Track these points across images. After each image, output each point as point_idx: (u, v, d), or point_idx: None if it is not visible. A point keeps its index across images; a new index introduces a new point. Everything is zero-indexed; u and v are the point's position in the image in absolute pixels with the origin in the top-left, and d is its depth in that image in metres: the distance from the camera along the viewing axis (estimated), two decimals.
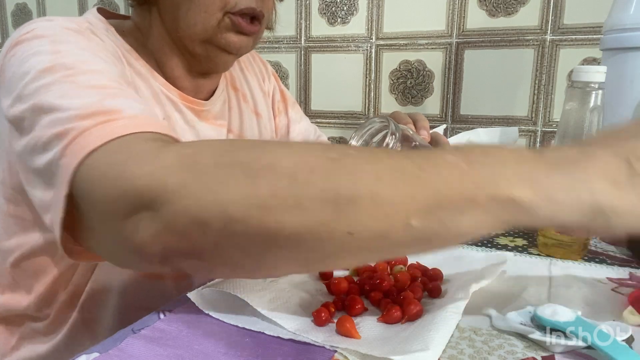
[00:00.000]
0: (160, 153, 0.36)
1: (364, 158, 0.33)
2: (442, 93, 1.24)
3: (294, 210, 0.31)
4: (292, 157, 0.33)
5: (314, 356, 0.35)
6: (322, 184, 0.31)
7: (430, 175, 0.31)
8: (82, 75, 0.43)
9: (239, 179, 0.32)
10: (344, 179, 0.31)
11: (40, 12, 1.69)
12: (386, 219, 0.31)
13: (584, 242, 0.55)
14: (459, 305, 0.40)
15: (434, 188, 0.31)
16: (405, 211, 0.31)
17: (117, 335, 0.38)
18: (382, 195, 0.31)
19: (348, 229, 0.31)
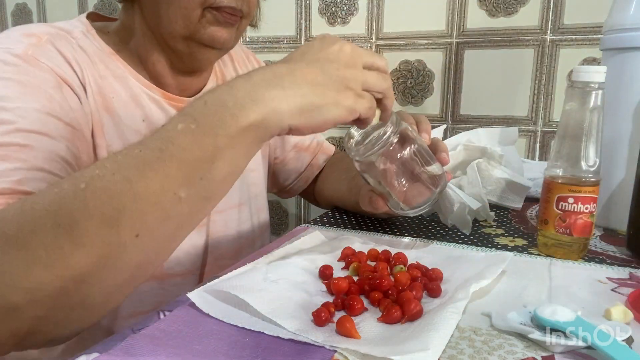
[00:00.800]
0: None
1: (110, 169, 0.36)
2: (442, 93, 1.24)
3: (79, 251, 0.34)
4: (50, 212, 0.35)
5: (314, 356, 0.35)
6: (86, 215, 0.34)
7: (170, 153, 0.35)
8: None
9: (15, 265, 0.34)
10: (101, 200, 0.34)
11: (40, 12, 1.69)
12: (158, 207, 0.35)
13: (584, 242, 0.55)
14: (459, 305, 0.40)
15: (178, 159, 0.35)
16: (168, 192, 0.35)
17: (117, 335, 0.38)
18: (141, 192, 0.34)
19: (133, 233, 0.35)
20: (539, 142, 1.17)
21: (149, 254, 0.38)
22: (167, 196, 0.35)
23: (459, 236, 0.64)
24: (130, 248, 0.35)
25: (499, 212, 0.75)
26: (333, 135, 1.37)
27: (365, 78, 0.44)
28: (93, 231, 0.34)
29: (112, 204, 0.34)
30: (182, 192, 0.36)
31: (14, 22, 1.74)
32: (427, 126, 0.58)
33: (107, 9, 1.60)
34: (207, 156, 0.36)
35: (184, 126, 0.36)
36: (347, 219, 0.73)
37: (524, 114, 1.17)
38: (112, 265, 0.36)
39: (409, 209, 0.54)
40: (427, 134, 0.56)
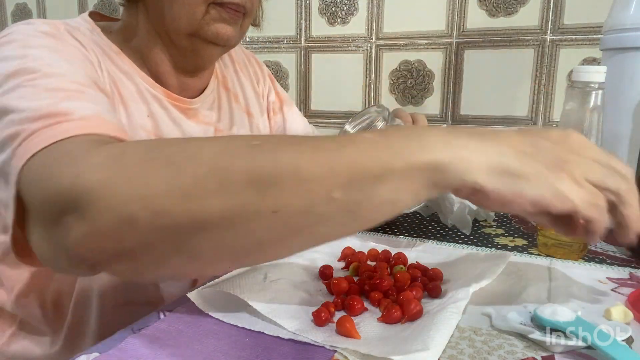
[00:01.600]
0: (88, 153, 0.36)
1: (286, 140, 0.34)
2: (442, 93, 1.24)
3: (218, 195, 0.32)
4: (214, 146, 0.34)
5: (314, 356, 0.35)
6: (244, 167, 0.32)
7: (348, 149, 0.33)
8: (43, 78, 0.44)
9: (162, 172, 0.33)
10: (265, 160, 0.32)
11: (40, 12, 1.69)
12: (309, 194, 0.32)
13: (584, 242, 0.55)
14: (459, 305, 0.40)
15: (352, 160, 0.33)
16: (326, 185, 0.32)
17: (117, 335, 0.38)
18: (303, 172, 0.32)
19: (273, 208, 0.32)
20: None
21: (274, 237, 0.35)
22: (322, 190, 0.32)
23: (459, 236, 0.64)
24: (262, 220, 0.33)
25: (499, 212, 0.75)
26: None
27: (590, 167, 0.35)
28: (243, 184, 0.32)
29: (273, 170, 0.32)
30: (336, 192, 0.32)
31: (13, 22, 1.74)
32: (424, 124, 0.58)
33: (107, 9, 1.60)
34: (377, 171, 0.33)
35: (372, 137, 0.34)
36: None
37: (524, 114, 1.17)
38: (236, 228, 0.33)
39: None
40: None
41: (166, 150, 0.35)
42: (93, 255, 0.35)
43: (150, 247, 0.34)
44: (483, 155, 0.33)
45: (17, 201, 0.38)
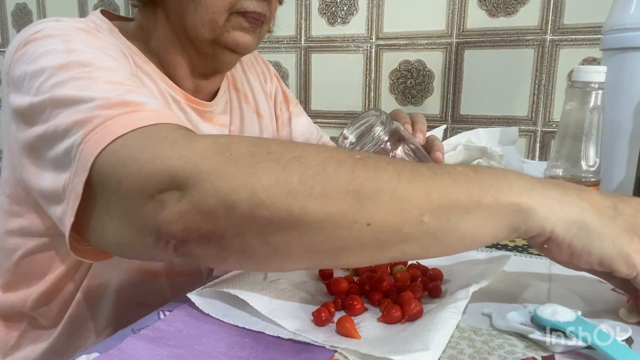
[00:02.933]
0: (194, 139, 0.37)
1: (385, 160, 0.36)
2: (442, 93, 1.24)
3: (319, 199, 0.33)
4: (320, 153, 0.35)
5: (314, 356, 0.35)
6: (348, 177, 0.34)
7: (443, 178, 0.35)
8: (98, 72, 0.44)
9: (270, 167, 0.34)
10: (367, 174, 0.34)
11: (40, 12, 1.69)
12: (402, 214, 0.34)
13: None
14: (459, 305, 0.40)
15: (445, 188, 0.35)
16: (419, 208, 0.34)
17: (117, 335, 0.38)
18: (400, 192, 0.34)
19: (367, 221, 0.34)
20: (539, 142, 1.17)
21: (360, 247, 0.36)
22: (414, 211, 0.34)
23: None
24: (354, 230, 0.34)
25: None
26: (333, 135, 1.37)
27: None
28: (342, 192, 0.33)
29: (372, 184, 0.34)
30: (426, 217, 0.34)
31: (13, 22, 1.74)
32: (422, 126, 0.58)
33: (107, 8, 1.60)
34: (466, 203, 0.35)
35: (463, 170, 0.36)
36: None
37: (524, 114, 1.17)
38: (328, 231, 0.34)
39: None
40: (421, 134, 0.56)
41: (273, 147, 0.36)
42: (184, 233, 0.35)
43: (242, 235, 0.35)
44: (565, 207, 0.36)
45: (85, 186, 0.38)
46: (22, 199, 0.53)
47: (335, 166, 0.34)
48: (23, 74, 0.46)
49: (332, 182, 0.34)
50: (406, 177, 0.35)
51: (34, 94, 0.44)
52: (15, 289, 0.59)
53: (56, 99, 0.42)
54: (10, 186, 0.54)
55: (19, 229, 0.55)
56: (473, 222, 0.35)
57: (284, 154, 0.35)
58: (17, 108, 0.46)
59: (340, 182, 0.34)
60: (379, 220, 0.34)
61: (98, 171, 0.38)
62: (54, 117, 0.42)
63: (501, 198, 0.35)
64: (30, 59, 0.46)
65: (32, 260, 0.56)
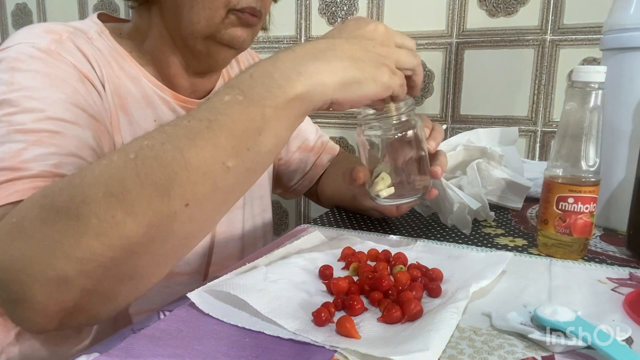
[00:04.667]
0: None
1: (159, 139, 0.36)
2: (442, 93, 1.24)
3: (129, 219, 0.35)
4: (99, 180, 0.36)
5: (314, 356, 0.35)
6: (137, 183, 0.35)
7: (219, 123, 0.36)
8: (21, 114, 0.47)
9: (65, 230, 0.35)
10: (151, 168, 0.35)
11: (40, 12, 1.69)
12: (206, 177, 0.36)
13: (584, 242, 0.55)
14: (459, 305, 0.40)
15: (228, 130, 0.36)
16: (217, 161, 0.36)
17: (117, 335, 0.38)
18: (192, 161, 0.35)
19: (183, 203, 0.35)
20: (539, 142, 1.17)
21: (197, 225, 0.38)
22: (216, 166, 0.36)
23: (459, 236, 0.64)
24: (180, 217, 0.36)
25: (499, 212, 0.75)
26: (333, 135, 1.37)
27: (398, 56, 0.46)
28: (145, 199, 0.34)
29: (164, 172, 0.35)
30: (230, 162, 0.36)
31: (13, 22, 1.74)
32: (439, 136, 0.59)
33: (107, 8, 1.60)
34: (254, 127, 0.37)
35: (231, 98, 0.37)
36: (347, 219, 0.73)
37: (524, 114, 1.17)
38: (162, 235, 0.36)
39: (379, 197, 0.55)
40: (434, 142, 0.57)
41: (57, 203, 0.36)
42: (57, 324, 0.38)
43: (92, 291, 0.37)
44: (332, 74, 0.40)
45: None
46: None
47: (118, 184, 0.35)
48: None
49: (128, 200, 0.34)
50: (187, 145, 0.35)
51: None
52: None
53: None
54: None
55: None
56: (270, 135, 0.37)
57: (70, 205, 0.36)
58: None
59: (135, 192, 0.34)
60: (192, 194, 0.35)
61: None
62: None
63: (280, 102, 0.37)
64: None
65: None
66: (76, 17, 1.63)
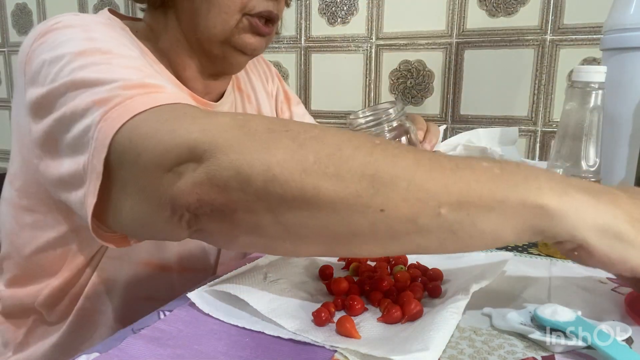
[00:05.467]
0: (213, 115, 0.38)
1: (405, 147, 0.35)
2: (442, 93, 1.24)
3: (334, 179, 0.33)
4: (339, 135, 0.35)
5: (314, 356, 0.35)
6: (364, 160, 0.33)
7: (464, 172, 0.34)
8: (118, 58, 0.45)
9: (286, 144, 0.34)
10: (385, 159, 0.33)
11: (40, 12, 1.69)
12: (418, 204, 0.33)
13: None
14: (459, 305, 0.40)
15: (466, 183, 0.33)
16: (437, 199, 0.33)
17: (117, 335, 0.38)
18: (418, 181, 0.33)
19: (381, 206, 0.33)
20: (539, 142, 1.17)
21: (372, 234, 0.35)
22: (431, 203, 0.33)
23: None
24: (367, 216, 0.33)
25: None
26: None
27: None
28: (358, 176, 0.33)
29: (390, 170, 0.33)
30: (444, 209, 0.33)
31: (13, 22, 1.74)
32: (434, 138, 0.59)
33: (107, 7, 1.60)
34: (487, 200, 0.33)
35: (488, 166, 0.34)
36: None
37: (524, 114, 1.17)
38: (341, 214, 0.34)
39: None
40: (429, 145, 0.57)
41: (290, 126, 0.36)
42: (198, 205, 0.35)
43: (254, 211, 0.35)
44: (597, 214, 0.34)
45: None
46: (33, 194, 0.54)
47: (352, 148, 0.34)
48: (41, 63, 0.46)
49: (347, 164, 0.33)
50: (425, 167, 0.33)
51: (52, 80, 0.44)
52: (23, 285, 0.59)
53: (75, 82, 0.42)
54: (21, 180, 0.55)
55: (32, 223, 0.56)
56: (493, 220, 0.33)
57: (301, 133, 0.35)
58: (33, 100, 0.46)
59: (357, 164, 0.33)
60: (394, 207, 0.33)
61: (117, 148, 0.38)
62: (71, 99, 0.42)
63: (528, 199, 0.33)
64: (50, 47, 0.47)
65: (44, 256, 0.57)
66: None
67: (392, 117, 0.50)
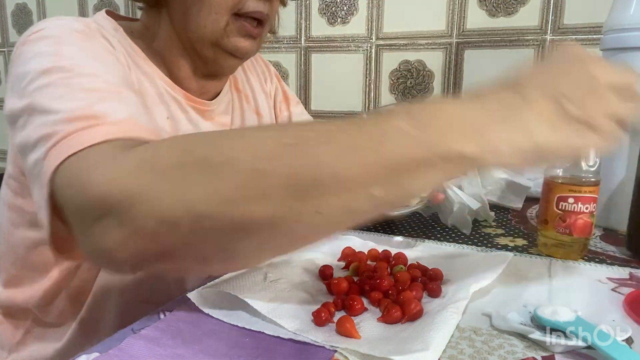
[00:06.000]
0: (121, 159, 0.37)
1: (319, 139, 0.34)
2: (442, 93, 1.24)
3: (261, 201, 0.33)
4: (249, 149, 0.34)
5: (314, 356, 0.35)
6: (283, 172, 0.33)
7: (384, 146, 0.33)
8: (77, 77, 0.45)
9: (201, 177, 0.33)
10: (302, 164, 0.33)
11: (40, 12, 1.69)
12: (350, 194, 0.33)
13: (584, 242, 0.55)
14: (459, 305, 0.40)
15: (390, 158, 0.33)
16: (366, 184, 0.33)
17: (117, 335, 0.38)
18: (343, 173, 0.33)
19: (315, 209, 0.33)
20: None
21: (318, 231, 0.36)
22: (361, 189, 0.33)
23: (459, 236, 0.64)
24: (305, 220, 0.34)
25: (499, 212, 0.75)
26: None
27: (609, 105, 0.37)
28: (283, 190, 0.33)
29: (312, 173, 0.33)
30: (376, 191, 0.34)
31: (13, 22, 1.74)
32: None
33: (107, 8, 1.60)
34: (413, 167, 0.34)
35: (406, 127, 0.34)
36: None
37: None
38: (280, 228, 0.34)
39: None
40: None
41: (199, 153, 0.35)
42: (133, 257, 0.36)
43: (192, 248, 0.35)
44: (514, 143, 0.35)
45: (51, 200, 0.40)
46: (25, 194, 0.54)
47: (266, 162, 0.33)
48: (14, 76, 0.48)
49: (269, 182, 0.33)
50: (345, 157, 0.33)
51: (19, 96, 0.46)
52: (19, 286, 0.60)
53: (32, 106, 0.44)
54: (15, 180, 0.56)
55: (25, 222, 0.57)
56: (422, 181, 0.35)
57: (212, 158, 0.34)
58: (7, 111, 0.47)
59: (277, 178, 0.33)
60: (328, 205, 0.33)
61: (55, 189, 0.39)
62: (27, 125, 0.44)
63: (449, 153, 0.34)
64: (22, 61, 0.48)
65: (36, 254, 0.57)
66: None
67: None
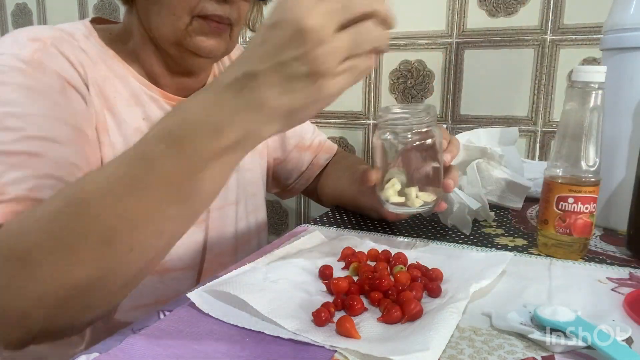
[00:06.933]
0: None
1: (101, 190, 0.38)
2: (442, 93, 1.24)
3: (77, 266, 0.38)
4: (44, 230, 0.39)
5: (314, 356, 0.35)
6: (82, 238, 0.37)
7: (156, 176, 0.36)
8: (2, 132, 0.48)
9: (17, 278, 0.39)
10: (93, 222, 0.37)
11: (40, 12, 1.69)
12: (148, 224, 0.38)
13: (584, 242, 0.55)
14: (459, 305, 0.40)
15: (165, 184, 0.36)
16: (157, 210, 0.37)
17: (117, 335, 0.38)
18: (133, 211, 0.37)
19: (127, 248, 0.38)
20: (539, 142, 1.17)
21: (146, 262, 0.41)
22: (157, 214, 0.38)
23: (459, 236, 0.64)
24: (125, 260, 0.39)
25: (499, 212, 0.75)
26: (333, 135, 1.37)
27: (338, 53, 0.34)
28: (90, 249, 0.37)
29: (105, 224, 0.37)
30: (171, 210, 0.38)
31: (13, 22, 1.74)
32: (455, 150, 0.59)
33: (107, 8, 1.60)
34: (191, 177, 0.37)
35: (166, 149, 0.36)
36: (347, 218, 0.73)
37: (524, 114, 1.17)
38: (112, 275, 0.39)
39: (387, 202, 0.56)
40: (450, 155, 0.57)
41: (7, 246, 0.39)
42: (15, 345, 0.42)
43: (54, 318, 0.40)
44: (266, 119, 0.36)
45: None
46: None
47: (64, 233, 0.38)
48: None
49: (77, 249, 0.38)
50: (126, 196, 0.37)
51: None
52: None
53: None
54: None
55: None
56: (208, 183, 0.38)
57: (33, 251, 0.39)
58: None
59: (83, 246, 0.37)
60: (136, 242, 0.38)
61: None
62: None
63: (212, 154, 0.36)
64: None
65: None
66: (76, 17, 1.63)
67: (424, 121, 0.50)
